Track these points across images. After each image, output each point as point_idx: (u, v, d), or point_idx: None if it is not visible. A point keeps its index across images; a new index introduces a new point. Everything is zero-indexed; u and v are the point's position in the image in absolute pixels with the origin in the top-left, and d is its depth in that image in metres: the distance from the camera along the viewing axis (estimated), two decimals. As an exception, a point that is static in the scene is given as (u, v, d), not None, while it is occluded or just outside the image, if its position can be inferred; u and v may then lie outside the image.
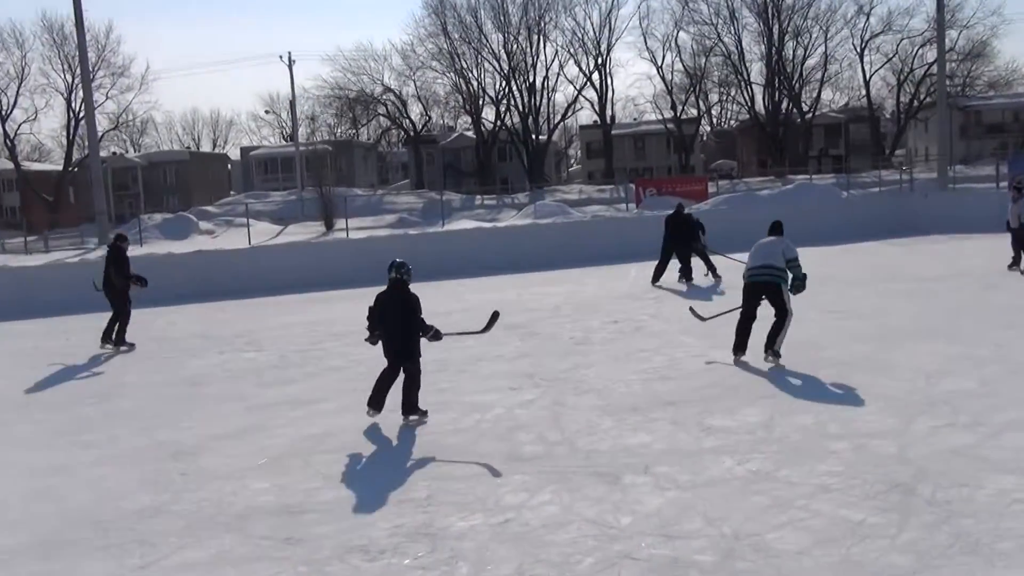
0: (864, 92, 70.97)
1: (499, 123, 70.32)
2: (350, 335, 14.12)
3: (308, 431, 8.53)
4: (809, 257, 20.07)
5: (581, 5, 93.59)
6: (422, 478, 6.91)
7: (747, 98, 69.50)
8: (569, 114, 75.85)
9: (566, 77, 72.71)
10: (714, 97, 76.53)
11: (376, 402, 8.51)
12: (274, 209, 53.56)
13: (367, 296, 9.09)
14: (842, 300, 14.08)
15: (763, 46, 67.24)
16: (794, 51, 67.31)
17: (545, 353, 11.56)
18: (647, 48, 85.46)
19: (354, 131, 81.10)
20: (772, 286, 10.24)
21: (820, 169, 65.57)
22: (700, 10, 67.66)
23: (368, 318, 8.65)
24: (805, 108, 68.96)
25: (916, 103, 66.62)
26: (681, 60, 69.66)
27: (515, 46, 68.12)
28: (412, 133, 74.92)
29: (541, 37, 68.29)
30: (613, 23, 72.76)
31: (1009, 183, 25.28)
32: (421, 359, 8.59)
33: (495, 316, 9.55)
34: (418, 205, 52.91)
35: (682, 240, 17.89)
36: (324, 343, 13.58)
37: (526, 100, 69.31)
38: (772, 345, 10.15)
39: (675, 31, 72.40)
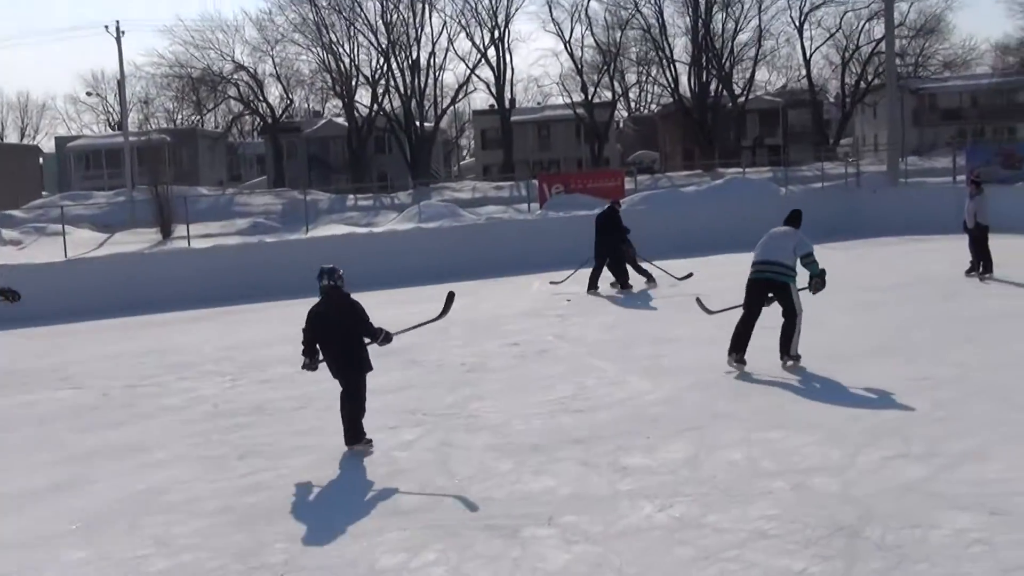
0: (804, 72, 73.20)
1: (376, 108, 70.17)
2: (192, 367, 13.88)
3: (136, 486, 8.31)
4: (741, 264, 20.56)
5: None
6: (278, 538, 6.80)
7: (670, 79, 70.93)
8: (460, 97, 76.31)
9: (456, 53, 73.23)
10: (632, 78, 77.99)
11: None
12: (98, 213, 52.17)
13: (213, 318, 8.99)
14: (776, 316, 14.43)
15: (688, 18, 68.86)
16: (724, 24, 69.09)
17: (430, 384, 11.53)
18: (553, 19, 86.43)
19: (198, 117, 79.74)
20: (777, 284, 10.93)
21: (755, 161, 67.32)
22: (614, -26, 68.80)
23: (304, 341, 8.91)
24: (737, 91, 70.70)
25: (863, 85, 69.03)
26: (593, 34, 70.83)
27: (395, 16, 68.25)
28: (270, 120, 74.10)
29: (426, 5, 68.56)
30: (512, -11, 73.23)
31: (967, 177, 26.36)
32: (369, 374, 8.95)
33: (451, 297, 9.99)
34: (277, 207, 52.29)
35: (614, 243, 18.36)
36: (159, 377, 13.28)
37: (408, 80, 69.39)
38: (788, 350, 10.95)
39: (586, 0, 73.38)
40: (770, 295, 11.08)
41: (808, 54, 72.07)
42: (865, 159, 52.12)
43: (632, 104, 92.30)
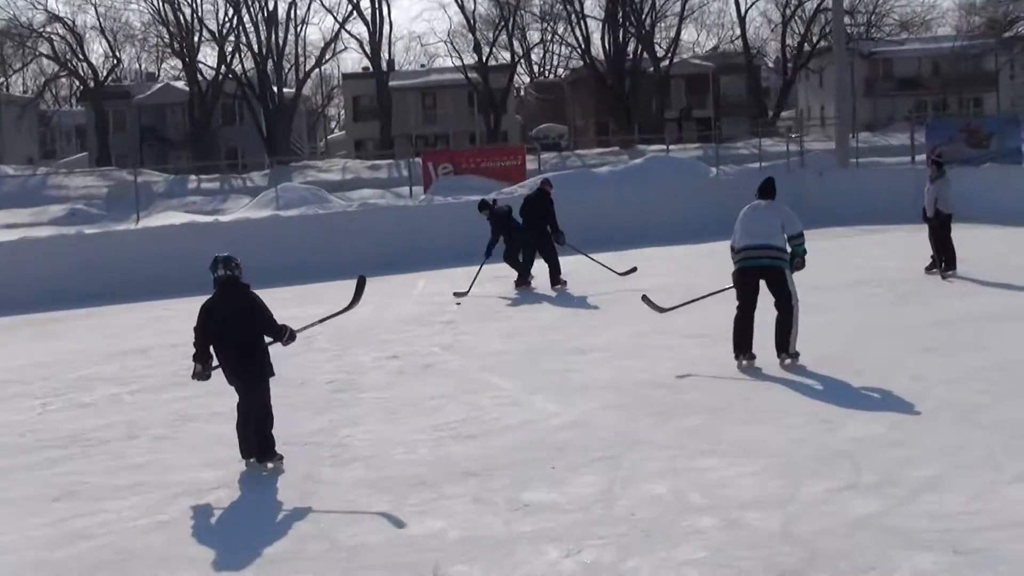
0: (738, 32, 74.28)
1: (224, 70, 69.29)
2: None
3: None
4: (667, 259, 20.84)
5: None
6: (101, 599, 6.66)
7: (580, 38, 71.31)
8: (327, 58, 75.87)
9: (322, 4, 72.70)
10: (535, 36, 78.35)
11: (249, 450, 9.10)
12: None
13: (19, 328, 8.80)
14: (709, 319, 14.61)
15: (602, -35, 69.16)
16: (644, -27, 69.49)
17: (291, 406, 11.38)
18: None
19: (2, 80, 77.81)
20: (772, 271, 11.43)
21: (681, 136, 68.15)
22: (514, -89, 68.92)
23: (195, 342, 9.17)
24: (660, 53, 71.43)
25: (807, 48, 70.20)
26: (488, -18, 70.70)
27: (247, -44, 67.39)
28: (92, 83, 72.67)
29: (285, -56, 67.94)
30: (390, -74, 73.04)
31: (927, 157, 26.99)
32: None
33: (362, 283, 10.59)
34: (100, 190, 51.27)
35: (544, 231, 18.90)
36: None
37: (264, 37, 68.66)
38: (786, 347, 11.49)
39: (479, -59, 73.32)
40: (760, 283, 11.60)
41: (743, 10, 73.17)
42: (810, 135, 52.94)
43: (535, 68, 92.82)
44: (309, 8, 71.36)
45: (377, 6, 70.30)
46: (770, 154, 41.04)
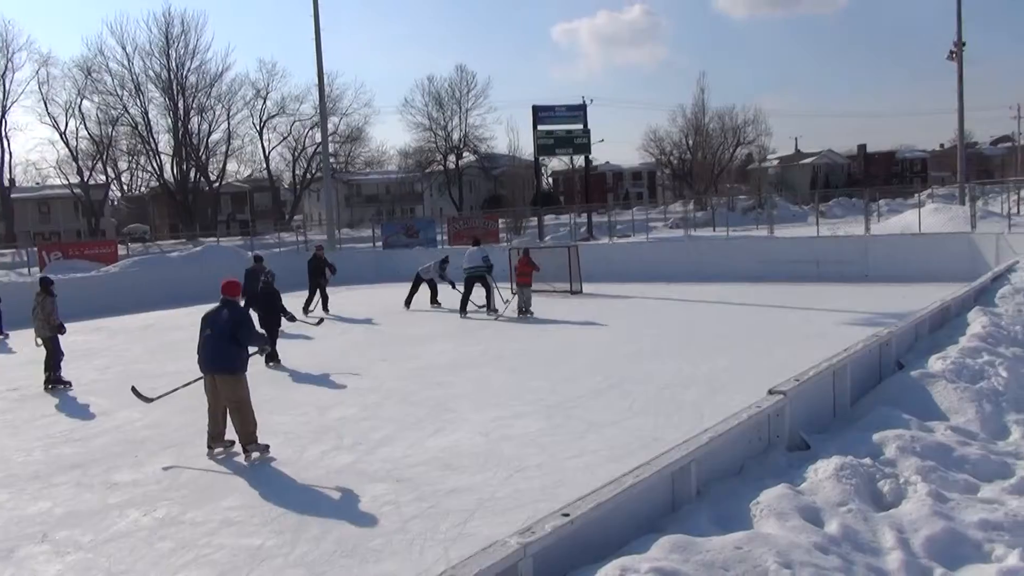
0: (265, 165, 72.98)
1: None
2: None
3: None
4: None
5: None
6: None
7: (156, 166, 66.88)
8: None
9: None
10: (123, 164, 72.46)
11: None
12: None
13: None
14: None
15: (170, 119, 65.48)
16: (200, 126, 66.62)
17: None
18: (48, 114, 76.42)
19: None
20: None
21: (229, 232, 65.66)
22: (104, 81, 63.19)
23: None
24: (212, 177, 68.64)
25: (309, 176, 70.33)
26: (86, 127, 64.53)
27: None
28: None
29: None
30: (8, 86, 64.29)
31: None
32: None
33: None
34: None
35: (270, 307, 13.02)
36: None
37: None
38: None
39: (78, 99, 66.46)
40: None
41: (267, 151, 71.85)
42: (312, 230, 52.97)
43: (125, 185, 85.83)
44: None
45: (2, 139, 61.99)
46: (287, 243, 40.42)
